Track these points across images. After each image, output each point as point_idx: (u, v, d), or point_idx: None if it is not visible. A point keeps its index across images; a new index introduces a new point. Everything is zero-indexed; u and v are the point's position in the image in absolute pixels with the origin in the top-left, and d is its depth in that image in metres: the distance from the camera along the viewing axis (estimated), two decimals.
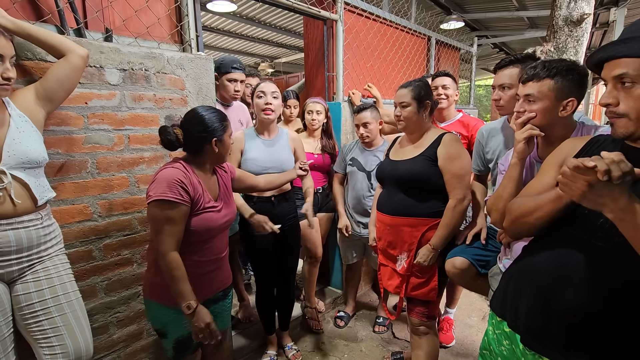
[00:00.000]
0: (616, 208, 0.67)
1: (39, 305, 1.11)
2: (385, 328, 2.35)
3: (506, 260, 1.26)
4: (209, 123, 1.24)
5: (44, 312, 1.12)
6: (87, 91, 1.33)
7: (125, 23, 1.50)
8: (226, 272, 1.43)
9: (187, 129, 1.25)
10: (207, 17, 5.04)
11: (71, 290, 1.20)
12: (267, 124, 1.83)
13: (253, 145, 1.82)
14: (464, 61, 4.14)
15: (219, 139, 1.26)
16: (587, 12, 2.25)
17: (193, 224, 1.22)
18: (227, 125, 1.30)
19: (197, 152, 1.27)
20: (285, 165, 1.84)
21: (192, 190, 1.20)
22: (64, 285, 1.18)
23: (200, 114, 1.25)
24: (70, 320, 1.16)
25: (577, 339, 0.80)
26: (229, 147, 1.33)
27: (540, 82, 1.08)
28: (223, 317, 1.46)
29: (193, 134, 1.24)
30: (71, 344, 1.14)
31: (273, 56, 7.78)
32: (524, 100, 1.12)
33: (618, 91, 0.76)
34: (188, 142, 1.26)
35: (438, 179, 1.50)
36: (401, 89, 1.56)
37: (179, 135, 1.25)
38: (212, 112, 1.27)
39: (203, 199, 1.24)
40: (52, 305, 1.13)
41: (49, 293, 1.14)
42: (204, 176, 1.30)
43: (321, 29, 2.57)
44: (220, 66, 2.02)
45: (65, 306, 1.16)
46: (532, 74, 1.09)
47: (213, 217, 1.27)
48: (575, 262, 0.80)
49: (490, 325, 1.05)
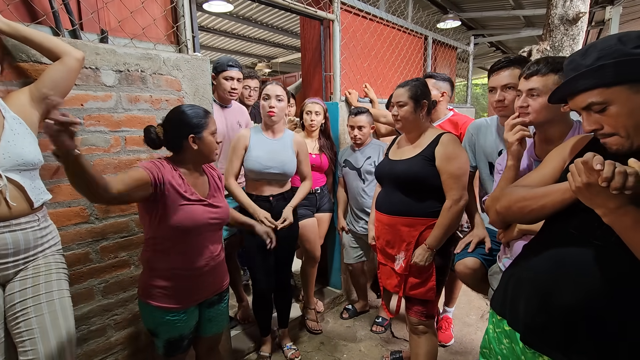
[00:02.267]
0: (607, 209, 0.68)
1: (19, 306, 1.06)
2: (384, 328, 2.35)
3: (506, 259, 1.26)
4: (186, 120, 1.23)
5: (22, 312, 1.06)
6: (83, 93, 1.33)
7: (120, 24, 1.49)
8: (221, 275, 1.41)
9: (166, 127, 1.25)
10: (203, 18, 5.03)
11: (56, 289, 1.13)
12: (271, 125, 1.87)
13: (257, 141, 1.83)
14: (461, 60, 4.16)
15: (197, 136, 1.24)
16: (583, 10, 2.25)
17: (178, 217, 1.20)
18: (207, 122, 1.26)
19: (177, 150, 1.27)
20: (286, 166, 1.84)
21: (168, 177, 1.19)
22: (49, 284, 1.12)
23: (179, 111, 1.25)
24: (46, 322, 1.08)
25: (576, 337, 0.80)
26: (213, 145, 1.29)
27: (544, 77, 1.08)
28: (219, 321, 1.45)
29: (171, 131, 1.25)
30: (42, 349, 1.05)
31: (270, 56, 7.77)
32: (527, 94, 1.12)
33: (594, 116, 0.77)
34: (167, 139, 1.26)
35: (435, 179, 1.50)
36: (398, 89, 1.57)
37: (159, 133, 1.25)
38: (192, 109, 1.26)
39: (185, 191, 1.23)
40: (31, 306, 1.07)
41: (31, 292, 1.08)
42: (189, 174, 1.29)
43: (318, 29, 2.57)
44: (217, 66, 2.03)
45: (44, 306, 1.09)
46: (536, 69, 1.10)
47: (199, 210, 1.25)
48: (574, 261, 0.80)
49: (491, 324, 1.05)
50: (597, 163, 0.64)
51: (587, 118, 0.79)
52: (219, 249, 1.38)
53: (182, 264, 1.25)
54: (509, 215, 0.97)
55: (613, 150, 0.78)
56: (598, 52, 0.74)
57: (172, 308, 1.26)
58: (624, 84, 0.72)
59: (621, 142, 0.75)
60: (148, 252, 1.27)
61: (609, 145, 0.78)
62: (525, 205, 0.88)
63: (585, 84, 0.76)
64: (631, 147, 0.75)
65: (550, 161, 0.96)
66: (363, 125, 2.18)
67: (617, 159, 0.79)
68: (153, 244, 1.25)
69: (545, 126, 1.15)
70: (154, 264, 1.25)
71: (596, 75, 0.73)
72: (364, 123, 2.18)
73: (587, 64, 0.75)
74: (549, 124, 1.13)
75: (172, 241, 1.23)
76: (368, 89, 2.63)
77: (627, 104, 0.72)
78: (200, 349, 1.49)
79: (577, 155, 0.89)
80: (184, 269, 1.26)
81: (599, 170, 0.63)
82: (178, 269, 1.25)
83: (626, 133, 0.74)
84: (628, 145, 0.75)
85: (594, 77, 0.74)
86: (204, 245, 1.30)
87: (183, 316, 1.29)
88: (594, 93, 0.75)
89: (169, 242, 1.23)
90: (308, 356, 2.11)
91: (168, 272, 1.25)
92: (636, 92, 0.72)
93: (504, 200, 0.96)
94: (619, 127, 0.74)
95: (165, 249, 1.23)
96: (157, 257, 1.25)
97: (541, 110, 1.10)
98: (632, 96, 0.72)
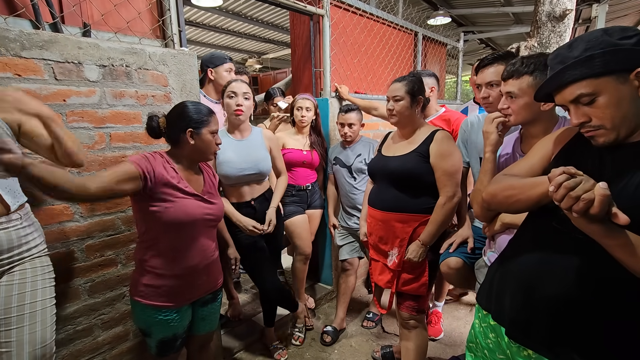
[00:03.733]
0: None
1: (3, 313, 1.04)
2: (375, 323, 2.37)
3: (490, 253, 1.28)
4: (187, 113, 1.24)
5: (5, 321, 1.04)
6: (65, 88, 1.29)
7: (104, 17, 1.45)
8: (216, 274, 1.41)
9: (168, 119, 1.27)
10: (192, 12, 4.95)
11: (40, 299, 1.11)
12: (237, 125, 1.78)
13: (225, 145, 1.67)
14: (450, 57, 4.17)
15: (195, 131, 1.24)
16: (570, 7, 2.28)
17: (172, 211, 1.19)
18: (208, 120, 1.27)
19: (175, 143, 1.28)
20: (261, 164, 1.78)
21: (159, 170, 1.19)
22: (34, 293, 1.11)
23: (182, 105, 1.26)
24: (24, 335, 1.06)
25: (560, 332, 0.81)
26: (211, 144, 1.29)
27: (519, 79, 1.09)
28: (211, 320, 1.44)
29: (171, 124, 1.26)
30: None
31: (261, 52, 7.71)
32: (506, 97, 1.14)
33: (582, 109, 0.77)
34: (167, 130, 1.27)
35: (430, 175, 1.50)
36: (395, 83, 1.57)
37: (161, 124, 1.26)
38: (196, 106, 1.27)
39: (178, 181, 1.23)
40: (15, 316, 1.05)
41: (17, 300, 1.06)
42: (185, 170, 1.29)
43: (307, 24, 2.55)
44: (213, 59, 1.99)
45: (26, 317, 1.07)
46: (512, 70, 1.10)
47: (194, 204, 1.25)
48: (558, 255, 0.81)
49: (477, 319, 1.06)
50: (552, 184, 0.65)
51: (575, 111, 0.79)
52: (213, 247, 1.36)
53: (175, 261, 1.23)
54: (493, 203, 0.96)
55: (599, 143, 0.78)
56: (585, 44, 0.74)
57: (165, 307, 1.24)
58: (612, 74, 0.73)
59: (607, 135, 0.76)
60: (141, 249, 1.25)
61: (596, 138, 0.78)
62: (512, 195, 0.88)
63: (574, 74, 0.76)
64: (617, 139, 0.76)
65: (538, 151, 0.96)
66: (353, 123, 2.16)
67: (601, 152, 0.80)
68: (146, 240, 1.23)
69: (529, 124, 1.16)
70: (147, 261, 1.23)
71: (585, 66, 0.74)
72: (354, 120, 2.17)
73: (574, 56, 0.75)
74: (532, 123, 1.15)
75: (166, 237, 1.21)
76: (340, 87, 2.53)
77: (615, 94, 0.73)
78: (192, 347, 1.48)
79: (562, 148, 0.90)
80: (178, 267, 1.24)
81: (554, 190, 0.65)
82: (172, 267, 1.23)
83: (612, 124, 0.75)
84: (614, 137, 0.76)
85: (583, 68, 0.74)
86: (198, 242, 1.28)
87: (176, 315, 1.27)
88: (583, 84, 0.75)
89: (162, 239, 1.21)
90: (299, 352, 2.11)
91: (161, 270, 1.23)
92: (623, 82, 0.73)
93: (491, 187, 0.96)
94: (606, 119, 0.75)
95: (159, 245, 1.22)
96: (151, 255, 1.23)
97: (520, 111, 1.12)
98: (619, 86, 0.73)
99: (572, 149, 0.88)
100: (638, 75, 0.71)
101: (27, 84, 1.21)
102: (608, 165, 0.78)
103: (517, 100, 1.10)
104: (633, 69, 0.71)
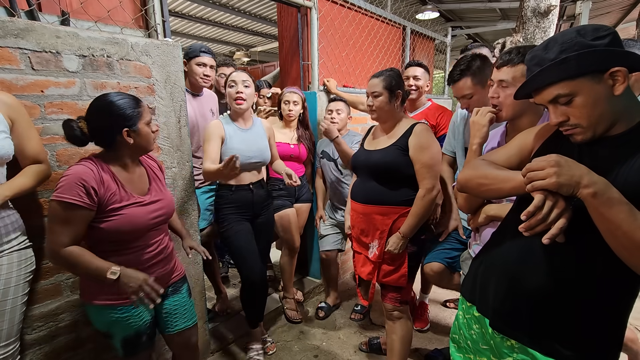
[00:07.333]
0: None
1: None
2: (363, 315, 2.39)
3: (475, 245, 1.30)
4: (117, 111, 1.09)
5: None
6: (43, 78, 1.25)
7: (83, 5, 1.40)
8: (171, 269, 1.33)
9: (91, 120, 1.10)
10: (177, 3, 4.84)
11: (11, 297, 1.09)
12: (240, 113, 1.83)
13: (233, 133, 1.79)
14: (438, 51, 4.20)
15: (132, 129, 1.12)
16: (554, 4, 2.32)
17: (114, 224, 1.11)
18: (141, 112, 1.14)
19: (109, 146, 1.14)
20: (265, 153, 1.86)
21: (102, 190, 1.08)
22: (6, 291, 1.07)
23: (104, 102, 1.10)
24: None
25: (543, 322, 0.83)
26: (150, 136, 1.18)
27: (514, 67, 1.11)
28: (183, 314, 1.38)
29: (98, 126, 1.10)
30: None
31: (249, 45, 7.59)
32: (498, 85, 1.14)
33: (560, 108, 0.79)
34: (96, 135, 1.12)
35: (409, 168, 1.52)
36: (373, 79, 1.57)
37: (83, 128, 1.09)
38: (121, 98, 1.11)
39: (119, 196, 1.12)
40: None
41: None
42: (124, 172, 1.18)
43: (295, 16, 2.52)
44: (189, 52, 1.97)
45: None
46: (507, 59, 1.12)
47: (138, 212, 1.16)
48: (540, 247, 0.83)
49: (461, 310, 1.08)
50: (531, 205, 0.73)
51: (554, 111, 0.81)
52: (165, 241, 1.30)
53: (126, 263, 1.15)
54: (466, 187, 1.01)
55: (577, 141, 0.80)
56: (560, 46, 0.76)
57: (119, 304, 1.17)
58: (587, 75, 0.74)
59: (584, 132, 0.78)
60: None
61: (574, 136, 0.81)
62: (484, 184, 0.93)
63: (550, 77, 0.77)
64: (594, 136, 0.78)
65: (517, 143, 0.99)
66: (340, 109, 2.22)
67: (581, 147, 0.82)
68: (90, 247, 1.15)
69: (516, 117, 1.18)
70: None
71: (561, 68, 0.75)
72: (342, 107, 2.23)
73: (551, 58, 0.77)
74: (521, 114, 1.16)
75: (112, 246, 1.15)
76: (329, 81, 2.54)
77: (591, 94, 0.75)
78: (174, 347, 1.42)
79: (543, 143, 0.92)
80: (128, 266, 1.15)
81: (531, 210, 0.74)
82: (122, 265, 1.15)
83: (589, 123, 0.77)
84: (590, 135, 0.78)
85: (559, 70, 0.76)
86: (147, 243, 1.22)
87: (133, 311, 1.20)
88: (560, 86, 0.77)
89: (109, 250, 1.15)
90: (288, 345, 2.12)
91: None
92: (598, 82, 0.74)
93: (466, 172, 0.99)
94: (583, 118, 0.77)
95: (107, 253, 1.14)
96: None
97: (510, 102, 1.13)
98: (595, 86, 0.75)
99: (552, 144, 0.90)
100: (612, 75, 0.73)
101: (2, 74, 1.16)
102: (586, 160, 0.80)
103: (508, 89, 1.12)
104: (607, 69, 0.73)
